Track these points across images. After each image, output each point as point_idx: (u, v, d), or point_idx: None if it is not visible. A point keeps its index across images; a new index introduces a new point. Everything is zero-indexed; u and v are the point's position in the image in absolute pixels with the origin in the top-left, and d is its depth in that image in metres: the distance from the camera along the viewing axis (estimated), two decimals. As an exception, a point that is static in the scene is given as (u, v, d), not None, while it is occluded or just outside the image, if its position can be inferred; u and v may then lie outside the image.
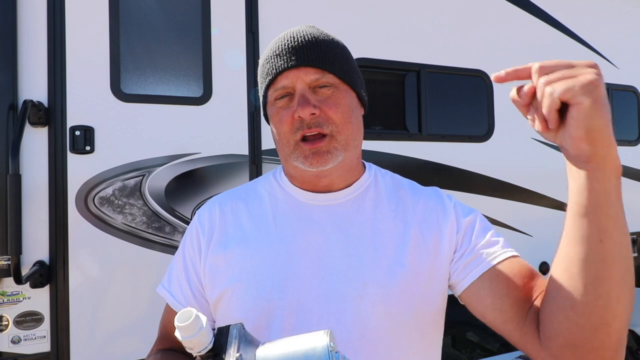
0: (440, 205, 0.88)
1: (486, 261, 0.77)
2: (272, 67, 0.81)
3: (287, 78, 0.79)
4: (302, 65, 0.78)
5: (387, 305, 0.77)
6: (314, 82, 0.79)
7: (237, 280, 0.81)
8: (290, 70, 0.79)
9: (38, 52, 1.87)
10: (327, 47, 0.81)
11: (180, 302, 0.87)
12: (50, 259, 1.85)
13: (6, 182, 1.73)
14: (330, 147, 0.79)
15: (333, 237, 0.82)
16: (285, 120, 0.80)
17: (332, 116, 0.79)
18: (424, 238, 0.83)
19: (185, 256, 0.89)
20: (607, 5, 3.29)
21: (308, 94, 0.78)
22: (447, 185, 2.58)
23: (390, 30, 2.54)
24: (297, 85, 0.79)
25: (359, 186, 0.88)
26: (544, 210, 2.91)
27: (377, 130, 2.50)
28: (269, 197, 0.90)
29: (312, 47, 0.80)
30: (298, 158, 0.80)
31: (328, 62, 0.80)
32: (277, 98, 0.81)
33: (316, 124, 0.78)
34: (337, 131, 0.79)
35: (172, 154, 2.03)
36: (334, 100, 0.80)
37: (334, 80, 0.80)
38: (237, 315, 0.79)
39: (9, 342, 1.79)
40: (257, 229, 0.85)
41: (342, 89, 0.82)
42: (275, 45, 0.82)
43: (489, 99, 2.78)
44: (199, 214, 0.92)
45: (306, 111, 0.76)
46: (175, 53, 2.08)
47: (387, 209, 0.86)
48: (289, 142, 0.81)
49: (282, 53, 0.80)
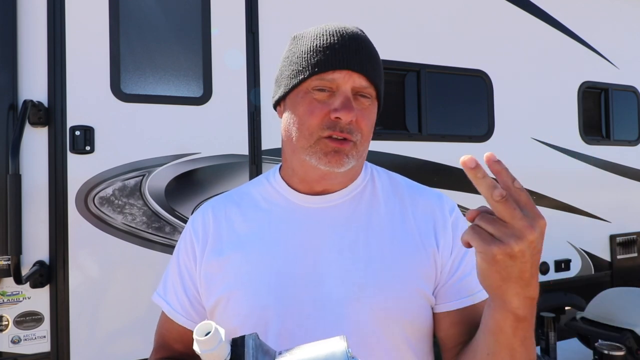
0: (440, 212, 0.86)
1: (465, 299, 0.81)
2: (327, 58, 0.77)
3: (339, 75, 0.77)
4: (359, 70, 0.77)
5: (384, 307, 0.77)
6: (359, 89, 0.78)
7: (233, 287, 0.80)
8: (346, 71, 0.77)
9: (38, 52, 1.87)
10: (377, 60, 0.82)
11: (177, 310, 0.86)
12: (50, 259, 1.85)
13: (6, 182, 1.73)
14: (350, 153, 0.78)
15: (328, 240, 0.81)
16: (317, 114, 0.77)
17: (363, 127, 0.79)
18: (422, 240, 0.83)
19: (180, 263, 0.88)
20: (607, 5, 3.29)
21: (352, 98, 0.78)
22: (447, 185, 2.58)
23: (390, 30, 2.54)
24: (345, 87, 0.77)
25: (355, 187, 0.87)
26: (544, 210, 2.91)
27: (377, 130, 2.49)
28: (263, 200, 0.88)
29: (370, 56, 0.80)
30: (316, 153, 0.77)
31: (379, 76, 0.81)
32: (316, 88, 0.78)
33: (348, 130, 0.77)
34: (360, 142, 0.79)
35: (172, 154, 2.03)
36: (368, 113, 0.80)
37: (374, 93, 0.81)
38: (234, 322, 0.78)
39: (9, 342, 1.79)
40: (252, 233, 0.84)
41: (374, 104, 0.83)
42: (331, 36, 0.79)
43: (489, 99, 2.78)
44: (192, 220, 0.90)
45: (349, 116, 0.75)
46: (175, 53, 2.08)
47: (384, 210, 0.85)
48: (311, 135, 0.78)
49: (341, 49, 0.77)
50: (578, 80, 3.12)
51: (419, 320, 0.80)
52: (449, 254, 0.83)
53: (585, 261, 3.06)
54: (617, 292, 1.94)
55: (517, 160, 2.85)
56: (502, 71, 2.82)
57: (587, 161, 3.11)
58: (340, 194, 0.86)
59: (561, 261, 2.94)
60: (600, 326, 1.73)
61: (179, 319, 0.86)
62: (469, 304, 0.80)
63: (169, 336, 0.89)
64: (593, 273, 3.10)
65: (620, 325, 1.66)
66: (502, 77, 2.82)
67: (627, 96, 3.34)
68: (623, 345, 1.48)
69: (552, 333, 1.68)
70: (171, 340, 0.89)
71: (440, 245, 0.82)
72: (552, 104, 3.01)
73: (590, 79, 3.16)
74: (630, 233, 3.26)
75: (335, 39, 0.78)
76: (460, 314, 0.81)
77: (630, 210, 3.31)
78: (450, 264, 0.82)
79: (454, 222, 0.85)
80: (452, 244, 0.83)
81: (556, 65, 3.04)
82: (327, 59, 0.77)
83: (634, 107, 3.37)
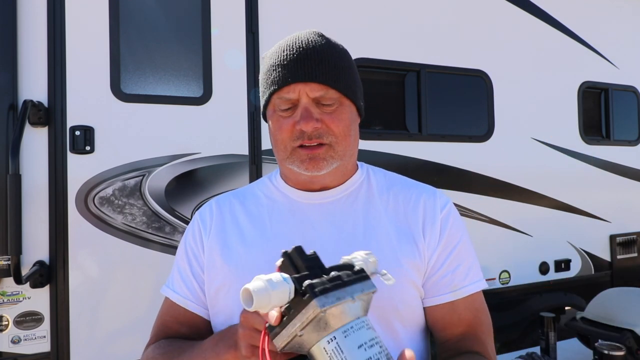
0: (431, 207, 0.89)
1: (447, 294, 0.85)
2: (278, 76, 0.82)
3: (293, 92, 0.80)
4: (309, 80, 0.80)
5: (379, 298, 0.78)
6: (317, 99, 0.81)
7: (233, 275, 0.83)
8: (297, 83, 0.80)
9: (38, 52, 1.87)
10: (334, 62, 0.82)
11: (187, 297, 0.90)
12: (50, 259, 1.85)
13: (6, 182, 1.73)
14: (327, 156, 0.82)
15: (326, 233, 0.85)
16: (285, 129, 0.82)
17: (334, 129, 0.82)
18: (412, 234, 0.86)
19: (189, 252, 0.92)
20: (607, 5, 3.29)
21: (312, 107, 0.80)
22: (447, 185, 2.58)
23: (390, 30, 2.54)
24: (302, 99, 0.81)
25: (352, 184, 0.91)
26: (544, 210, 2.91)
27: (377, 130, 2.50)
28: (265, 197, 0.93)
29: (320, 61, 0.81)
30: (294, 162, 0.83)
31: (334, 78, 0.81)
32: (280, 106, 0.83)
33: (317, 135, 0.80)
34: (336, 142, 0.82)
35: (172, 154, 2.03)
36: (336, 115, 0.82)
37: (337, 95, 0.82)
38: (234, 310, 0.81)
39: (9, 342, 1.79)
40: (253, 227, 0.89)
41: (344, 104, 0.84)
42: (282, 53, 0.83)
43: (489, 99, 2.78)
44: (200, 212, 0.96)
45: (309, 126, 0.79)
46: (175, 53, 2.08)
47: (380, 206, 0.89)
48: (286, 148, 0.83)
49: (290, 64, 0.81)
50: (578, 80, 3.12)
51: (412, 310, 0.85)
52: (434, 249, 0.86)
53: (585, 261, 3.06)
54: (617, 292, 1.94)
55: (517, 160, 2.85)
56: (502, 71, 2.82)
57: (587, 161, 3.11)
58: (338, 189, 0.90)
59: (561, 261, 2.94)
60: (600, 326, 1.73)
61: (189, 306, 0.90)
62: (451, 300, 0.84)
63: (174, 322, 0.92)
64: (593, 273, 3.10)
65: (620, 325, 1.66)
66: (502, 77, 2.81)
67: (627, 96, 3.33)
68: (623, 345, 1.48)
69: (552, 333, 1.67)
70: (177, 325, 0.92)
71: (426, 240, 0.86)
72: (552, 104, 3.01)
73: (590, 79, 3.16)
74: (630, 233, 3.26)
75: (285, 54, 0.82)
76: (442, 309, 0.85)
77: (630, 210, 3.30)
78: (436, 258, 0.86)
79: (444, 218, 0.89)
80: (438, 240, 0.87)
81: (556, 65, 3.03)
82: (279, 77, 0.82)
83: (634, 107, 3.37)
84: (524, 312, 2.82)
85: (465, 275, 0.86)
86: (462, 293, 0.85)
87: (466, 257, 0.88)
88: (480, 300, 0.89)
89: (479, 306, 0.88)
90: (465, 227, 0.92)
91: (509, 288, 2.76)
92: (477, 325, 0.86)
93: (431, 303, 0.86)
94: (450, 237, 0.87)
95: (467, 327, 0.85)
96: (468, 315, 0.86)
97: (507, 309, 2.79)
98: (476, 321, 0.86)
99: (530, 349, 1.75)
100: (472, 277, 0.87)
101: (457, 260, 0.86)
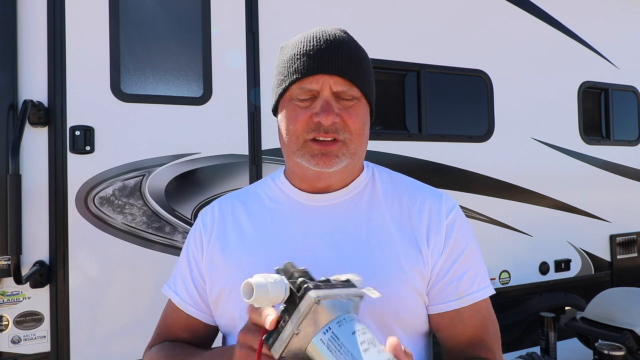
0: (436, 212, 0.87)
1: (453, 302, 0.83)
2: (302, 65, 0.80)
3: (316, 82, 0.79)
4: (335, 73, 0.79)
5: (381, 304, 0.77)
6: (339, 93, 0.81)
7: (234, 279, 0.82)
8: (322, 75, 0.79)
9: (38, 52, 1.87)
10: (359, 60, 0.82)
11: (186, 301, 0.90)
12: (50, 259, 1.85)
13: (6, 182, 1.73)
14: (340, 153, 0.80)
15: (328, 237, 0.84)
16: (301, 119, 0.80)
17: (351, 125, 0.81)
18: (416, 239, 0.84)
19: (189, 255, 0.92)
20: (607, 5, 3.29)
21: (332, 101, 0.80)
22: (447, 185, 2.58)
23: (390, 30, 2.54)
24: (324, 92, 0.80)
25: (356, 186, 0.90)
26: (544, 210, 2.91)
27: (377, 130, 2.50)
28: (268, 198, 0.92)
29: (346, 56, 0.80)
30: (304, 155, 0.81)
31: (357, 75, 0.81)
32: (299, 96, 0.81)
33: (334, 130, 0.79)
34: (350, 139, 0.81)
35: (172, 154, 2.03)
36: (354, 111, 0.81)
37: (358, 93, 0.82)
38: (235, 313, 0.81)
39: (9, 342, 1.79)
40: (255, 229, 0.88)
41: (362, 102, 0.84)
42: (308, 43, 0.81)
43: (489, 99, 2.78)
44: (202, 214, 0.95)
45: (329, 119, 0.78)
46: (175, 53, 2.08)
47: (384, 208, 0.87)
48: (298, 139, 0.81)
49: (317, 54, 0.80)
50: (578, 80, 3.12)
51: (415, 317, 0.83)
52: (438, 256, 0.84)
53: (585, 261, 3.06)
54: (617, 292, 1.94)
55: (517, 160, 2.85)
56: (502, 71, 2.82)
57: (587, 161, 3.11)
58: (342, 192, 0.88)
59: (561, 261, 2.94)
60: (600, 326, 1.72)
61: (188, 309, 0.90)
62: (457, 307, 0.83)
63: (175, 325, 0.92)
64: (593, 273, 3.10)
65: (620, 325, 1.66)
66: (502, 77, 2.81)
67: (627, 96, 3.33)
68: (623, 345, 1.48)
69: (552, 333, 1.67)
70: (177, 329, 0.92)
71: (430, 246, 0.84)
72: (552, 104, 3.01)
73: (590, 79, 3.16)
74: (630, 233, 3.26)
75: (312, 45, 0.81)
76: (448, 317, 0.83)
77: (630, 210, 3.31)
78: (440, 266, 0.84)
79: (450, 225, 0.86)
80: (443, 246, 0.85)
81: (556, 65, 3.03)
82: (304, 66, 0.80)
83: (634, 107, 3.37)
84: (524, 312, 2.82)
85: (471, 283, 0.84)
86: (468, 300, 0.83)
87: (473, 264, 0.86)
88: (487, 307, 0.87)
89: (485, 313, 0.86)
90: (472, 232, 0.90)
91: (509, 288, 2.76)
92: (484, 333, 0.85)
93: (437, 310, 0.84)
94: (456, 244, 0.85)
95: (474, 334, 0.84)
96: (474, 323, 0.84)
97: (507, 309, 2.79)
98: (483, 328, 0.85)
99: (530, 349, 1.74)
100: (478, 283, 0.85)
101: (463, 267, 0.85)
